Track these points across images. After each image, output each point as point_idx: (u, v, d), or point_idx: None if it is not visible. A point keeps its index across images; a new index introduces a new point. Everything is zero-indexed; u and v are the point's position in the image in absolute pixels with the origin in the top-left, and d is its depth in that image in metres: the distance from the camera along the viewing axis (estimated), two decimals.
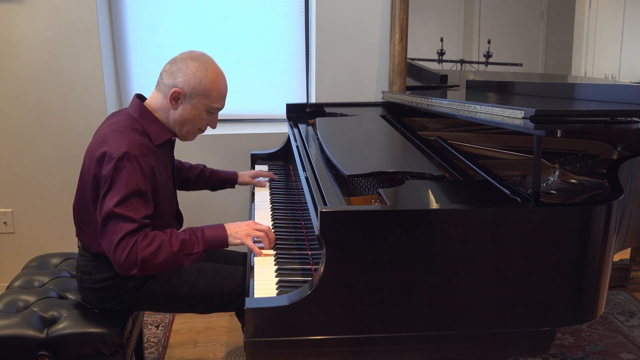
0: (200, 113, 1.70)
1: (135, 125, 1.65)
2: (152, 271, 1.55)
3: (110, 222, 1.52)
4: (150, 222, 1.56)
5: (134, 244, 1.50)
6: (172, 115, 1.70)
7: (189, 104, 1.68)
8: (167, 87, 1.67)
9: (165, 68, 1.70)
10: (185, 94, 1.66)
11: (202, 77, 1.66)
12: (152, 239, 1.52)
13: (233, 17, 2.89)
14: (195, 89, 1.66)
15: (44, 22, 2.59)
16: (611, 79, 2.83)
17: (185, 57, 1.69)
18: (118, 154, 1.54)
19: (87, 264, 1.72)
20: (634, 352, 2.40)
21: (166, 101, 1.68)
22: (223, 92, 1.74)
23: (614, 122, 1.32)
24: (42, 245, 2.73)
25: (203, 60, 1.69)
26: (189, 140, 1.79)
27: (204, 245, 1.57)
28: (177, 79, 1.66)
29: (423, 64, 2.82)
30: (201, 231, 1.59)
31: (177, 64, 1.68)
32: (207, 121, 1.75)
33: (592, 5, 2.83)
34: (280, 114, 2.99)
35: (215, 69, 1.71)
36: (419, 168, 1.54)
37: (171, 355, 2.39)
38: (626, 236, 1.62)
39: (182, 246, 1.54)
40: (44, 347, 1.61)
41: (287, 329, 1.27)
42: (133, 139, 1.59)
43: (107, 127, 1.66)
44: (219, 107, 1.75)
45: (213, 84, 1.69)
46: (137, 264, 1.50)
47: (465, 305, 1.31)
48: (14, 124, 2.68)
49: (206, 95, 1.68)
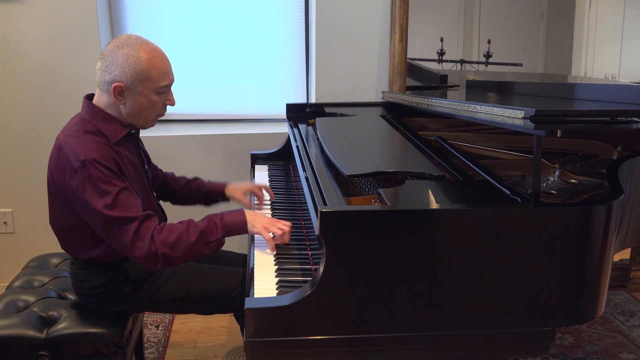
0: (150, 98, 1.60)
1: (87, 127, 1.58)
2: (176, 263, 1.53)
3: (112, 229, 1.50)
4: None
5: (150, 240, 1.48)
6: (123, 110, 1.61)
7: (135, 93, 1.58)
8: (106, 84, 1.58)
9: (98, 65, 1.59)
10: (127, 86, 1.56)
11: (135, 62, 1.54)
12: (169, 233, 1.50)
13: (233, 17, 2.89)
14: (135, 76, 1.55)
15: (44, 22, 2.59)
16: (611, 79, 2.83)
17: (112, 48, 1.57)
18: (78, 164, 1.49)
19: (79, 272, 1.70)
20: (634, 352, 2.40)
21: (112, 98, 1.59)
22: (164, 68, 1.60)
23: (614, 122, 1.32)
24: (42, 245, 2.73)
25: (131, 44, 1.56)
26: (151, 127, 1.70)
27: (223, 232, 1.55)
28: (113, 73, 1.55)
29: (423, 64, 2.82)
30: (220, 217, 1.57)
31: (107, 58, 1.57)
32: (162, 102, 1.64)
33: (592, 5, 2.83)
34: (280, 114, 2.99)
35: (147, 47, 1.58)
36: (419, 168, 1.54)
37: (171, 355, 2.39)
38: (626, 236, 1.62)
39: (200, 236, 1.52)
40: (44, 347, 1.61)
41: (287, 329, 1.27)
42: (87, 142, 1.53)
43: (61, 134, 1.62)
44: (167, 84, 1.62)
45: (149, 64, 1.56)
46: (159, 259, 1.49)
47: (465, 305, 1.31)
48: (14, 124, 2.67)
49: (147, 78, 1.57)
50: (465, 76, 2.81)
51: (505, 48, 2.83)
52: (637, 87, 1.69)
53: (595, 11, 2.83)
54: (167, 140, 2.75)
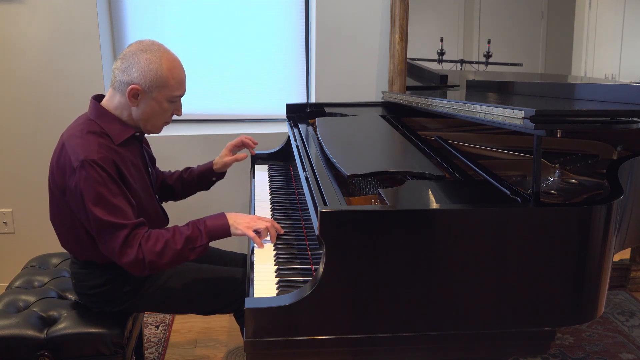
0: (162, 105, 1.63)
1: (92, 127, 1.59)
2: (161, 269, 1.55)
3: (103, 231, 1.51)
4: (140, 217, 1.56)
5: (138, 248, 1.50)
6: (134, 113, 1.63)
7: (149, 99, 1.61)
8: (123, 84, 1.59)
9: (117, 65, 1.61)
10: (144, 90, 1.59)
11: (157, 68, 1.58)
12: (156, 240, 1.52)
13: (233, 17, 2.89)
14: (153, 82, 1.58)
15: (44, 22, 2.59)
16: (611, 79, 2.83)
17: (135, 50, 1.60)
18: (77, 163, 1.50)
19: (79, 272, 1.71)
20: (634, 352, 2.40)
21: (125, 99, 1.61)
22: (182, 79, 1.65)
23: (614, 122, 1.32)
24: (42, 245, 2.73)
25: (154, 50, 1.60)
26: (156, 133, 1.73)
27: (208, 237, 1.56)
28: (132, 75, 1.58)
29: (423, 64, 2.82)
30: (203, 223, 1.58)
31: (128, 59, 1.59)
32: (171, 111, 1.68)
33: (592, 5, 2.83)
34: (280, 114, 2.99)
35: (169, 56, 1.62)
36: (419, 168, 1.54)
37: (171, 355, 2.39)
38: (626, 236, 1.62)
39: (186, 243, 1.54)
40: (44, 347, 1.61)
41: (287, 329, 1.27)
42: (90, 143, 1.54)
43: (65, 133, 1.63)
44: (180, 95, 1.67)
45: (170, 73, 1.60)
46: (146, 266, 1.51)
47: (465, 305, 1.31)
48: (14, 124, 2.67)
49: (165, 85, 1.60)
50: (465, 76, 2.81)
51: (505, 48, 2.83)
52: (637, 87, 1.69)
53: (595, 11, 2.83)
54: (167, 140, 2.75)
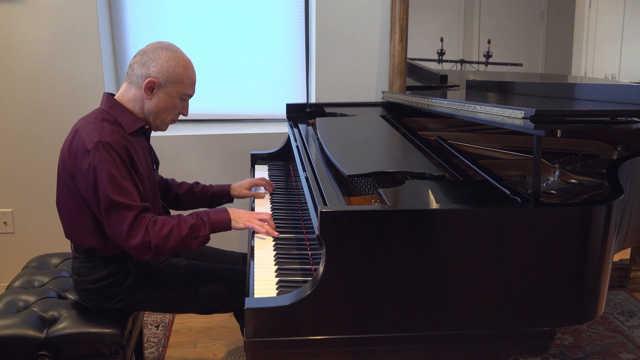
0: (174, 101, 1.73)
1: (105, 116, 1.67)
2: (164, 255, 1.62)
3: (112, 211, 1.56)
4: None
5: (145, 230, 1.55)
6: (147, 105, 1.72)
7: (163, 93, 1.70)
8: (140, 77, 1.69)
9: (136, 59, 1.71)
10: (160, 83, 1.69)
11: (174, 65, 1.69)
12: (163, 225, 1.58)
13: (233, 17, 2.89)
14: (169, 77, 1.69)
15: (44, 22, 2.59)
16: (611, 79, 2.83)
17: (155, 47, 1.71)
18: (92, 145, 1.57)
19: (81, 266, 1.72)
20: (634, 352, 2.40)
21: (140, 92, 1.70)
22: (194, 79, 1.77)
23: (614, 122, 1.32)
24: (42, 245, 2.73)
25: (173, 49, 1.72)
26: (161, 131, 1.81)
27: (210, 228, 1.64)
28: (150, 69, 1.68)
29: (423, 64, 2.82)
30: (207, 215, 1.66)
31: (148, 55, 1.70)
32: (179, 109, 1.77)
33: (592, 5, 2.83)
34: (280, 114, 2.99)
35: (185, 57, 1.74)
36: (419, 168, 1.54)
37: (171, 355, 2.39)
38: (626, 236, 1.62)
39: (190, 230, 1.61)
40: (44, 347, 1.62)
41: (287, 329, 1.27)
42: (104, 128, 1.61)
43: (78, 122, 1.70)
44: (191, 94, 1.77)
45: (185, 71, 1.72)
46: (151, 249, 1.56)
47: (465, 305, 1.31)
48: (14, 124, 2.68)
49: (179, 82, 1.71)
50: (465, 76, 2.81)
51: (505, 48, 2.83)
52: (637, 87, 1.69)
53: (595, 11, 2.83)
54: (167, 140, 2.75)
